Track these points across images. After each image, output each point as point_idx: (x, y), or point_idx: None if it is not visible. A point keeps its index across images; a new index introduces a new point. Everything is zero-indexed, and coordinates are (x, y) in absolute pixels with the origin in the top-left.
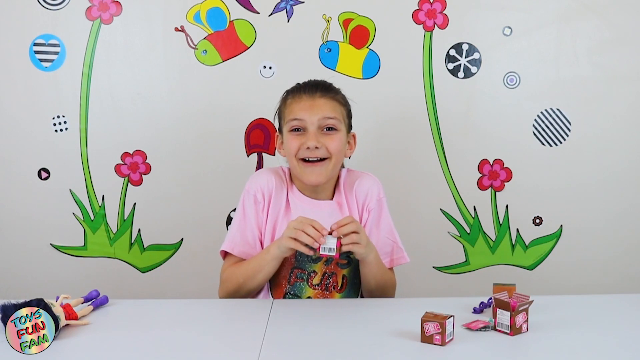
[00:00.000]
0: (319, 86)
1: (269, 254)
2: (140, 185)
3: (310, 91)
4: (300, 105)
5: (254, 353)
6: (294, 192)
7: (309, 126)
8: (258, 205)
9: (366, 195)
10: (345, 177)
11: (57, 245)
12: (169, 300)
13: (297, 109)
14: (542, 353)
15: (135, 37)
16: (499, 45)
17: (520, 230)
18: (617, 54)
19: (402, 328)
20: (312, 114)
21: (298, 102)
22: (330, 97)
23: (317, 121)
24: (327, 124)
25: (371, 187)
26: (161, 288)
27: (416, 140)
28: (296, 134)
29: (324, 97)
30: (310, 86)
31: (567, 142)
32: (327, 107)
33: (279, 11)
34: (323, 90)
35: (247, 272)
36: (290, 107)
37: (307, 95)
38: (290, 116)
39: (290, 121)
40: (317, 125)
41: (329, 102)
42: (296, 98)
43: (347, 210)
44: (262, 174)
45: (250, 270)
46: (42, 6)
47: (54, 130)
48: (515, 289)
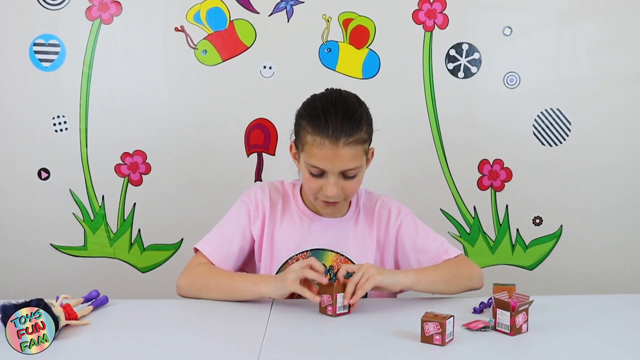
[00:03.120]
0: (345, 129)
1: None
2: (140, 185)
3: (335, 136)
4: (322, 154)
5: (254, 353)
6: (299, 205)
7: (330, 176)
8: (249, 216)
9: (389, 215)
10: (365, 198)
11: (57, 245)
12: (169, 300)
13: (319, 158)
14: (542, 353)
15: (135, 37)
16: (499, 45)
17: (520, 230)
18: (617, 54)
19: (402, 328)
20: (334, 166)
21: (319, 149)
22: (355, 142)
23: (339, 172)
24: (349, 173)
25: (393, 207)
26: (161, 288)
27: (416, 140)
28: (315, 176)
29: (349, 144)
30: (334, 128)
31: (567, 142)
32: (350, 157)
33: (279, 11)
34: (348, 133)
35: (224, 286)
36: (310, 148)
37: (330, 142)
38: (310, 160)
39: (310, 166)
40: (338, 173)
41: (353, 150)
42: (317, 141)
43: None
44: (257, 189)
45: (228, 286)
46: (42, 6)
47: (54, 130)
48: (515, 289)
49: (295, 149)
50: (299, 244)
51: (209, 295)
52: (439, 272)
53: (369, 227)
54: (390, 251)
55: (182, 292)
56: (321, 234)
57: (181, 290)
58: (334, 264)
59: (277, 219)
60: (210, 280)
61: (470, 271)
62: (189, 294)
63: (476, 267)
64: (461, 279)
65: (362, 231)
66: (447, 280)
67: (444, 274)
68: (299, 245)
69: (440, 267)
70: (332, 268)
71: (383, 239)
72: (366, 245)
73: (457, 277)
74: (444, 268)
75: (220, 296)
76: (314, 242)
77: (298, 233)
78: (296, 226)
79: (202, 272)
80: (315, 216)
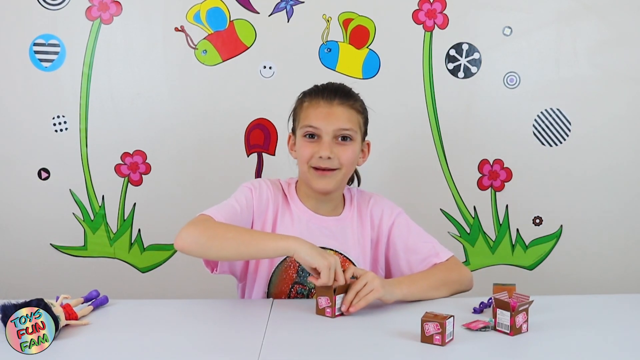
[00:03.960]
0: (338, 92)
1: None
2: (140, 185)
3: (329, 97)
4: (316, 112)
5: (254, 353)
6: (297, 204)
7: (324, 135)
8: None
9: (382, 214)
10: (358, 196)
11: (57, 245)
12: (169, 300)
13: (313, 116)
14: (542, 353)
15: (135, 37)
16: (499, 45)
17: (520, 230)
18: (617, 54)
19: (402, 328)
20: (328, 123)
21: (315, 108)
22: (348, 105)
23: (333, 131)
24: (343, 134)
25: (386, 206)
26: (161, 288)
27: (416, 140)
28: (310, 140)
29: (342, 105)
30: (329, 91)
31: (567, 142)
32: (344, 117)
33: (279, 11)
34: (342, 97)
35: (242, 236)
36: (306, 111)
37: (325, 101)
38: (305, 121)
39: (305, 127)
40: (332, 134)
41: (347, 111)
42: (313, 103)
43: (356, 228)
44: (261, 180)
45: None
46: (42, 6)
47: (54, 130)
48: (515, 289)
49: (292, 135)
50: None
51: (221, 245)
52: (429, 279)
53: (364, 226)
54: (382, 250)
55: (186, 243)
56: (319, 233)
57: (184, 240)
58: None
59: (278, 215)
60: (225, 230)
61: (460, 275)
62: (193, 246)
63: (466, 270)
64: (452, 284)
65: (358, 229)
66: (438, 287)
67: (435, 281)
68: None
69: (430, 275)
70: None
71: (376, 237)
72: (363, 243)
73: (448, 284)
74: (434, 275)
75: (235, 249)
76: (313, 241)
77: (297, 231)
78: (295, 224)
79: (214, 224)
80: (313, 215)
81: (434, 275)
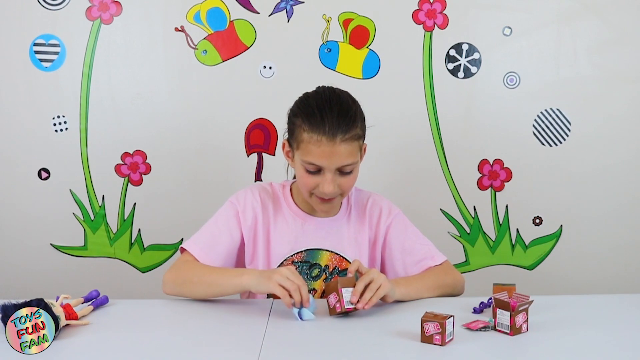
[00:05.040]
0: (341, 126)
1: (241, 283)
2: (140, 185)
3: (331, 132)
4: (319, 151)
5: (254, 353)
6: (291, 206)
7: (327, 172)
8: (238, 218)
9: (380, 213)
10: (355, 195)
11: (57, 245)
12: (169, 300)
13: (315, 154)
14: (542, 353)
15: (135, 37)
16: (499, 45)
17: (520, 230)
18: (617, 54)
19: (402, 328)
20: (331, 162)
21: (317, 146)
22: (351, 138)
23: (336, 168)
24: (346, 169)
25: (384, 206)
26: (161, 288)
27: (416, 140)
28: (311, 173)
29: (345, 141)
30: (330, 125)
31: (567, 142)
32: (347, 153)
33: (279, 11)
34: (344, 130)
35: (206, 279)
36: (307, 146)
37: (327, 139)
38: (306, 157)
39: (306, 163)
40: (334, 170)
41: (350, 146)
42: (314, 139)
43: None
44: (247, 191)
45: (210, 279)
46: (42, 6)
47: (54, 130)
48: (515, 289)
49: (288, 147)
50: (294, 244)
51: (192, 290)
52: (425, 281)
53: (361, 225)
54: (379, 250)
55: (167, 288)
56: (315, 234)
57: (165, 285)
58: (329, 263)
59: (270, 221)
60: (193, 274)
61: (454, 280)
62: (173, 290)
63: (459, 275)
64: (445, 287)
65: (354, 229)
66: (432, 290)
67: (429, 284)
68: (294, 246)
69: (426, 277)
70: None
71: (374, 237)
72: (359, 243)
73: (442, 287)
74: (430, 277)
75: (203, 291)
76: (309, 242)
77: (292, 234)
78: (290, 227)
79: (186, 267)
80: (307, 216)
81: (429, 277)
